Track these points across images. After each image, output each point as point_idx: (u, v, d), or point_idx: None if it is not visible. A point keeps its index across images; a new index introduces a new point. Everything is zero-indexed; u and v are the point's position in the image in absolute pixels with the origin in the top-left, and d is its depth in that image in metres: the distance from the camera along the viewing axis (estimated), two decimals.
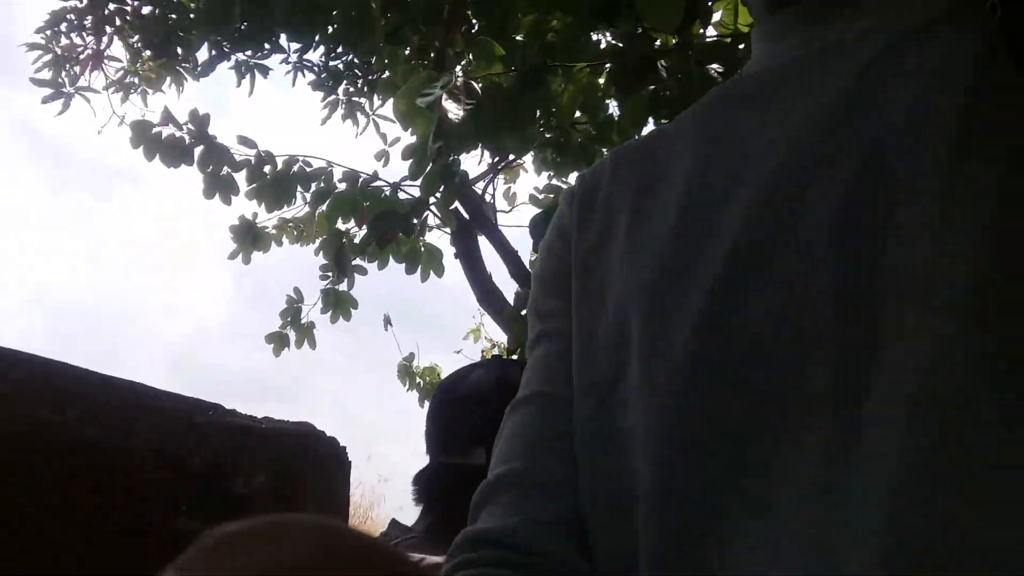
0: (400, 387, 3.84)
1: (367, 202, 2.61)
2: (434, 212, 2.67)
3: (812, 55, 0.45)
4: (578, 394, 0.47)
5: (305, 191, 2.80)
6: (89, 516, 0.59)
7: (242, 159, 2.76)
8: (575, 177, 0.58)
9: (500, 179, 3.81)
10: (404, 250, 2.83)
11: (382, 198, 2.63)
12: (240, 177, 2.76)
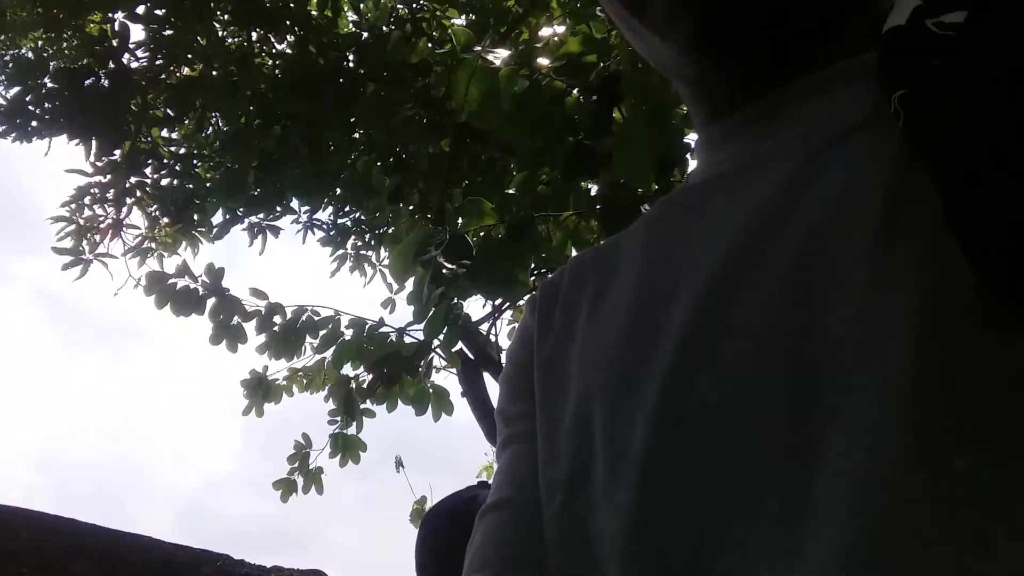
0: (414, 530, 3.76)
1: (373, 347, 2.71)
2: (439, 354, 2.77)
3: (742, 166, 0.48)
4: (545, 495, 0.48)
5: (313, 339, 2.92)
6: None
7: (253, 309, 2.90)
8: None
9: (506, 316, 3.93)
10: (412, 392, 2.90)
11: (388, 343, 2.74)
12: (250, 328, 2.90)
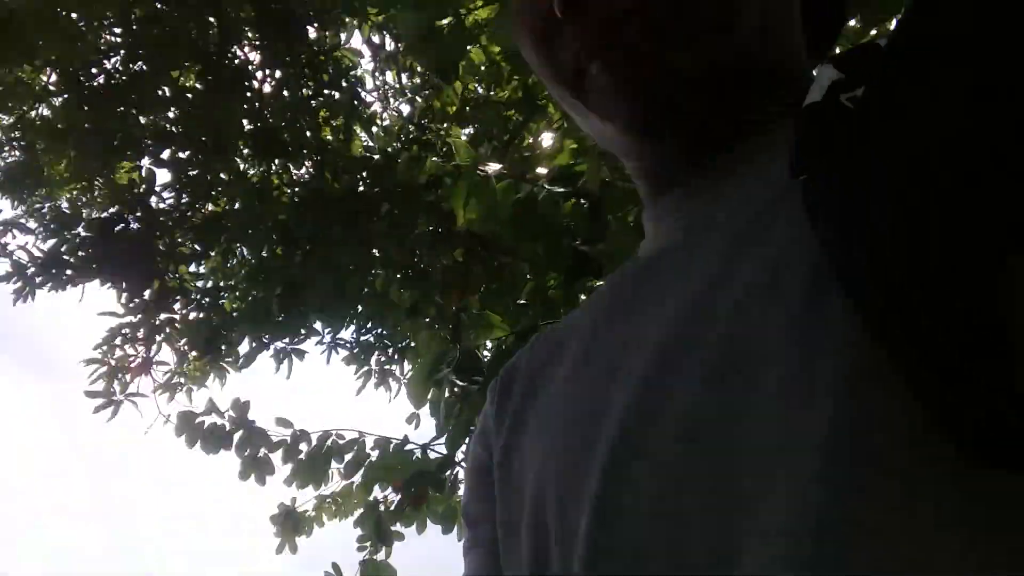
0: None
1: (399, 466, 2.69)
2: (463, 467, 2.74)
3: (682, 240, 0.47)
4: None
5: (339, 464, 2.91)
6: None
7: (278, 439, 2.92)
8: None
9: None
10: (440, 509, 2.85)
11: (414, 460, 2.72)
12: (276, 457, 2.90)
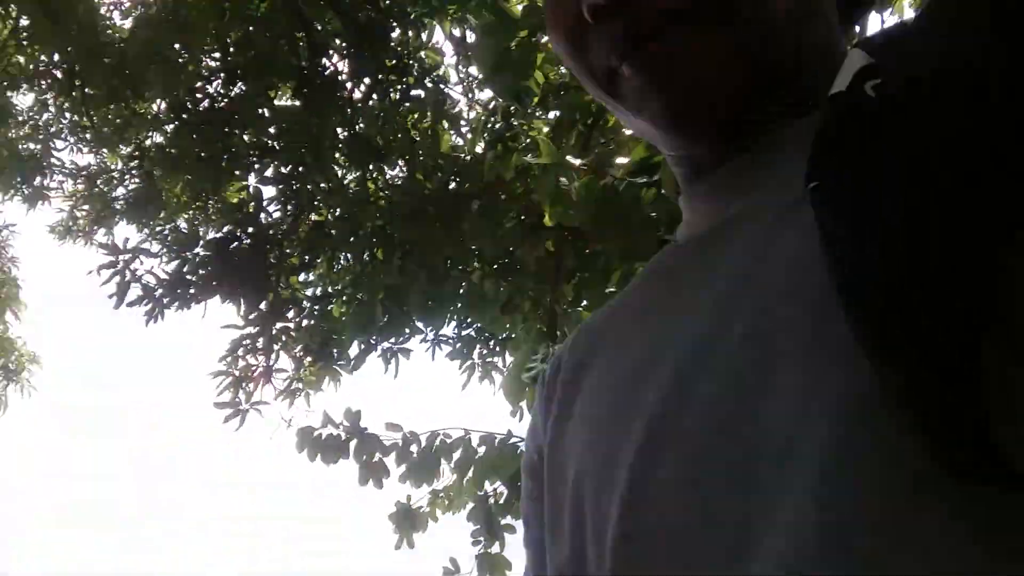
0: None
1: (505, 463, 2.73)
2: None
3: (714, 230, 0.47)
4: None
5: (448, 462, 2.99)
6: None
7: (390, 443, 3.03)
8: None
9: None
10: None
11: (517, 454, 2.75)
12: (390, 460, 3.02)
